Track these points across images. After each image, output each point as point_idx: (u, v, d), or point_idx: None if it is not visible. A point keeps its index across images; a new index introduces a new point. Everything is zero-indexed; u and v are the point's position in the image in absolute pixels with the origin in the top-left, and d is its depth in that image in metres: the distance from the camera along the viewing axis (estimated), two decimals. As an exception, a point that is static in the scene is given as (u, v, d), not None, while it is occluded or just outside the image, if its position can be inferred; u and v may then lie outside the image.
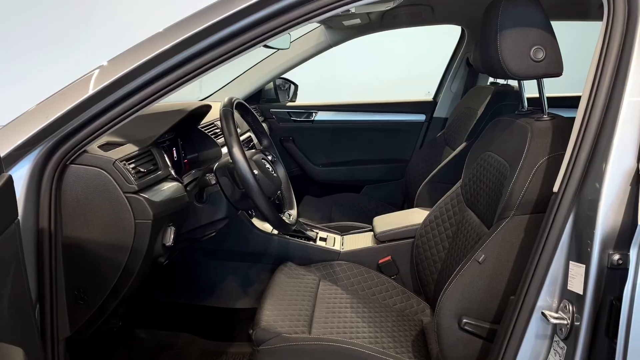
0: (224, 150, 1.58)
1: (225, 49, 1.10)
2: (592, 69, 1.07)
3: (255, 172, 1.46)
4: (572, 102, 2.64)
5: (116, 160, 1.16)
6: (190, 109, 1.50)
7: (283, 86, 3.03)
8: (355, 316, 1.64)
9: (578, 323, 1.01)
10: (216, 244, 1.91)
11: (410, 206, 2.65)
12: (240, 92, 2.73)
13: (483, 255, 1.27)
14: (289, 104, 2.98)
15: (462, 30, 2.71)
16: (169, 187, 1.30)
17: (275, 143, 2.94)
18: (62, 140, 1.09)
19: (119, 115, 1.11)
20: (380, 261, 1.91)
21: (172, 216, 1.30)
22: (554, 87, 1.62)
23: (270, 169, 1.57)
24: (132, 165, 1.21)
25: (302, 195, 2.77)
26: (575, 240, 1.05)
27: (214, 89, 2.76)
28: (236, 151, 1.33)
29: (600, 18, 1.11)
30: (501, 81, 2.38)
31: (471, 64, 2.64)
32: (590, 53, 1.13)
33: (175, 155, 1.64)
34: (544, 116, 1.33)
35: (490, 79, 2.63)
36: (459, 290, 1.30)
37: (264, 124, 2.79)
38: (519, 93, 2.17)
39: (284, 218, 1.53)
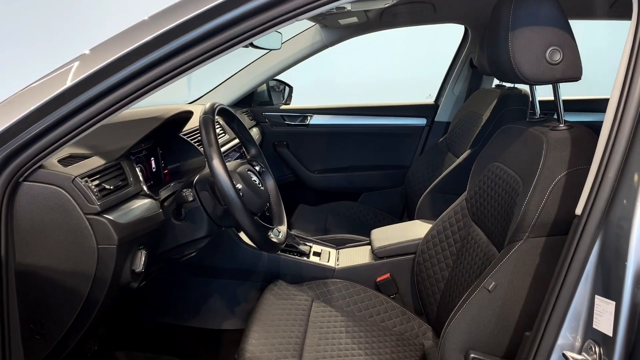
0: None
1: (204, 48, 0.96)
2: (621, 72, 0.92)
3: (239, 186, 1.32)
4: (581, 105, 2.52)
5: (76, 177, 1.01)
6: (168, 116, 1.36)
7: (277, 88, 2.89)
8: (351, 341, 1.50)
9: (607, 369, 0.87)
10: (201, 261, 1.76)
11: (411, 215, 2.51)
12: (230, 94, 2.59)
13: (493, 283, 1.13)
14: (283, 107, 2.83)
15: (466, 30, 2.56)
16: (139, 206, 1.16)
17: (268, 148, 2.82)
18: (13, 154, 0.95)
19: (84, 123, 0.96)
20: (379, 279, 1.77)
21: (144, 238, 1.16)
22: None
23: (257, 182, 1.43)
24: (96, 182, 1.07)
25: (297, 203, 2.63)
26: (602, 272, 0.91)
27: (202, 92, 2.62)
28: (216, 163, 1.18)
29: (612, 17, 0.98)
30: (507, 84, 2.24)
31: (475, 65, 2.49)
32: (596, 52, 1.00)
33: (154, 165, 1.50)
34: (560, 125, 1.19)
35: (496, 81, 2.49)
36: (466, 321, 1.16)
37: (255, 129, 2.65)
38: (529, 97, 2.06)
39: (271, 236, 1.39)
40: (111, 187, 1.09)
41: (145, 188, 1.23)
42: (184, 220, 1.34)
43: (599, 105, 2.65)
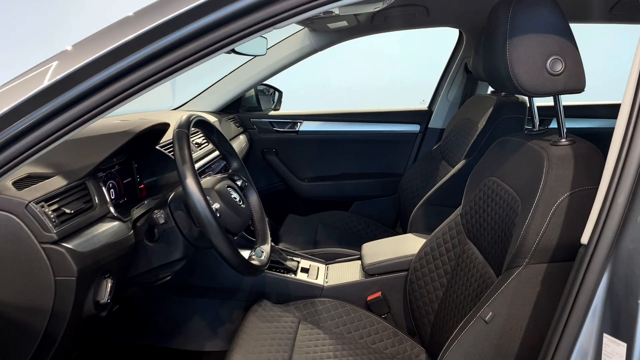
0: None
1: (195, 48, 0.86)
2: (632, 82, 0.84)
3: (216, 205, 1.22)
4: (575, 111, 2.43)
5: (30, 202, 0.92)
6: (141, 130, 1.26)
7: (267, 92, 2.79)
8: (340, 367, 1.41)
9: (617, 418, 0.78)
10: (181, 279, 1.67)
11: (404, 225, 2.42)
12: (217, 100, 2.50)
13: (490, 313, 1.04)
14: (272, 113, 2.73)
15: (460, 33, 2.48)
16: (105, 230, 1.06)
17: (257, 155, 2.72)
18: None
19: (45, 138, 0.86)
20: (369, 298, 1.68)
21: (110, 265, 1.06)
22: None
23: (238, 199, 1.33)
24: (54, 207, 0.97)
25: (286, 213, 2.53)
26: (611, 308, 0.82)
27: (188, 97, 2.52)
28: (190, 182, 1.09)
29: (612, 20, 0.90)
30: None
31: (470, 70, 2.41)
32: (591, 56, 0.92)
33: (129, 179, 1.40)
34: (562, 140, 1.10)
35: (492, 88, 2.40)
36: (461, 353, 1.07)
37: (243, 136, 2.56)
38: (526, 105, 1.97)
39: (253, 257, 1.29)
40: (71, 212, 0.99)
41: (112, 210, 1.13)
42: (158, 242, 1.25)
43: (595, 111, 2.60)
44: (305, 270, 1.78)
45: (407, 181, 2.46)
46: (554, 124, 2.50)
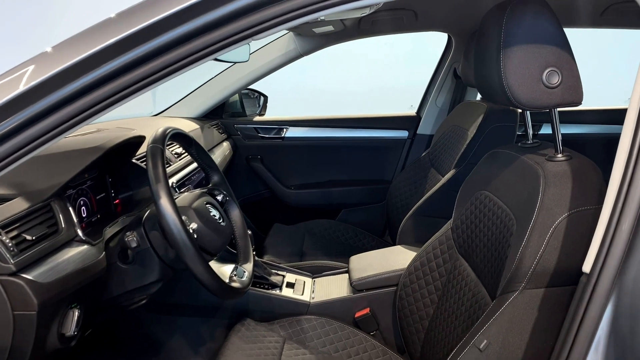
0: None
1: (184, 52, 0.79)
2: (636, 102, 0.78)
3: (193, 226, 1.15)
4: (564, 117, 2.39)
5: None
6: (112, 145, 1.18)
7: (252, 95, 2.71)
8: (326, 389, 1.34)
9: None
10: (161, 296, 1.59)
11: (392, 234, 2.37)
12: (199, 105, 2.41)
13: (485, 341, 0.98)
14: (257, 118, 2.65)
15: (449, 38, 2.42)
16: (72, 256, 0.98)
17: (241, 162, 2.64)
18: None
19: (11, 154, 0.79)
20: (357, 314, 1.61)
21: (77, 294, 0.98)
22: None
23: (217, 217, 1.26)
24: (14, 233, 0.89)
25: (271, 221, 2.46)
26: (616, 342, 0.76)
27: (169, 103, 2.44)
28: (164, 203, 1.01)
29: (603, 25, 0.85)
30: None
31: (459, 75, 2.36)
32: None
33: (103, 195, 1.32)
34: (558, 155, 1.05)
35: (481, 93, 2.35)
36: (454, 384, 1.01)
37: (226, 142, 2.48)
38: (517, 113, 1.92)
39: (234, 278, 1.22)
40: (32, 238, 0.91)
41: (80, 233, 1.05)
42: (132, 264, 1.17)
43: (580, 116, 2.56)
44: (290, 285, 1.72)
45: (395, 189, 2.40)
46: (544, 129, 2.46)
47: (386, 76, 4.40)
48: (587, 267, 0.79)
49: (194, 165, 1.86)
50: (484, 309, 1.16)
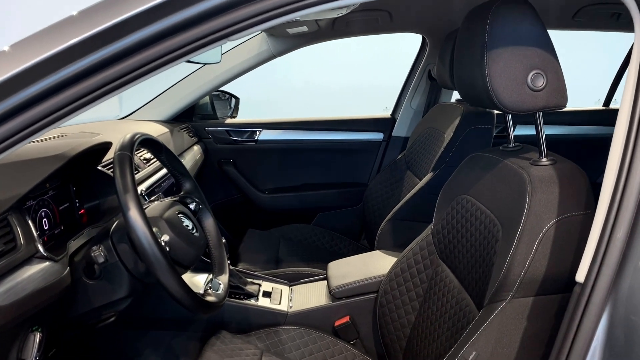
0: None
1: (151, 55, 0.73)
2: (628, 94, 0.76)
3: (165, 238, 1.08)
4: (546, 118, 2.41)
5: None
6: (75, 153, 1.10)
7: (223, 97, 2.64)
8: (307, 403, 1.29)
9: None
10: (131, 310, 1.50)
11: (369, 237, 2.33)
12: (168, 108, 2.32)
13: (474, 353, 0.95)
14: (229, 121, 2.58)
15: (423, 39, 2.41)
16: (32, 275, 0.90)
17: (213, 166, 2.56)
18: None
19: None
20: (337, 323, 1.57)
21: (39, 315, 0.90)
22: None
23: (190, 227, 1.19)
24: (-35, 252, 0.80)
25: (245, 226, 2.39)
26: (611, 352, 0.74)
27: (136, 105, 2.34)
28: (133, 215, 0.94)
29: (574, 27, 0.84)
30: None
31: (434, 77, 2.34)
32: None
33: (67, 205, 1.24)
34: (543, 159, 1.03)
35: (455, 95, 2.34)
36: (443, 398, 0.98)
37: (197, 146, 2.40)
38: (494, 116, 1.91)
39: (209, 292, 1.16)
40: (-13, 257, 0.83)
41: (41, 248, 0.96)
42: (99, 279, 1.09)
43: (557, 117, 2.59)
44: (267, 294, 1.66)
45: (371, 192, 2.37)
46: (518, 130, 2.47)
47: (360, 78, 4.39)
48: (580, 276, 0.77)
49: (164, 171, 1.79)
50: (468, 317, 1.13)
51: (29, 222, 0.97)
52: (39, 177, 0.99)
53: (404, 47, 2.74)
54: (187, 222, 1.19)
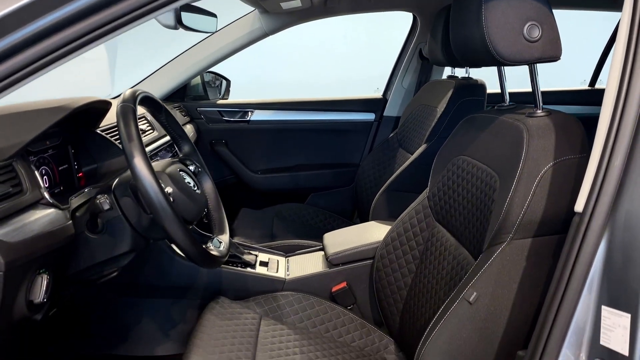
0: None
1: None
2: (620, 44, 0.79)
3: (169, 190, 1.08)
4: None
5: None
6: (77, 106, 1.10)
7: (213, 84, 2.64)
8: (307, 362, 1.31)
9: (622, 394, 0.73)
10: (128, 277, 1.50)
11: (362, 216, 2.36)
12: (160, 88, 2.32)
13: (475, 293, 0.98)
14: (221, 101, 2.58)
15: (414, 18, 2.44)
16: (38, 218, 0.90)
17: (205, 147, 2.56)
18: None
19: None
20: (334, 289, 1.58)
21: (45, 259, 0.90)
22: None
23: (192, 184, 1.20)
24: (-26, 190, 0.81)
25: (239, 207, 2.40)
26: (609, 280, 0.77)
27: (128, 85, 2.33)
28: (138, 162, 0.95)
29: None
30: (460, 74, 2.14)
31: (425, 56, 2.37)
32: None
33: (65, 166, 1.23)
34: (539, 111, 1.06)
35: (446, 74, 2.38)
36: (444, 339, 1.00)
37: (189, 125, 2.40)
38: (485, 88, 1.94)
39: (211, 248, 1.17)
40: (-6, 196, 0.83)
41: (47, 195, 0.97)
42: (102, 233, 1.09)
43: (552, 97, 2.64)
44: (264, 264, 1.67)
45: (363, 171, 2.39)
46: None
47: (351, 61, 4.41)
48: (579, 206, 0.80)
49: (158, 143, 1.79)
50: (466, 268, 1.15)
51: (34, 170, 0.97)
52: (41, 127, 0.99)
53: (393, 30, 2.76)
54: (188, 180, 1.19)
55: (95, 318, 1.54)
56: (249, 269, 1.60)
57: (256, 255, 1.70)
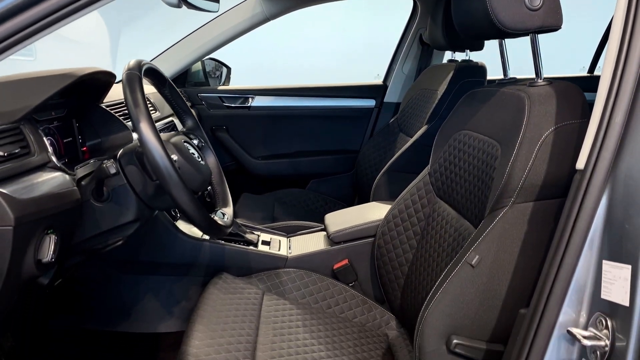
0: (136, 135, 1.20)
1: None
2: (621, 3, 0.81)
3: (175, 157, 1.09)
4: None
5: None
6: (83, 74, 1.11)
7: (214, 73, 2.65)
8: (309, 336, 1.32)
9: (623, 343, 0.74)
10: (130, 254, 1.52)
11: (364, 201, 2.37)
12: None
13: (477, 257, 0.99)
14: (222, 87, 2.59)
15: (414, 4, 2.45)
16: (47, 180, 0.91)
17: (206, 133, 2.55)
18: None
19: None
20: (336, 266, 1.60)
21: (53, 219, 0.91)
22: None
23: (197, 155, 1.21)
24: (-16, 147, 0.81)
25: (239, 192, 2.41)
26: (610, 234, 0.78)
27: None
28: (144, 127, 0.96)
29: None
30: (459, 58, 2.15)
31: (425, 41, 2.39)
32: None
33: (70, 139, 1.24)
34: (539, 80, 1.07)
35: (446, 59, 2.39)
36: (447, 302, 1.01)
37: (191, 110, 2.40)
38: (485, 69, 1.95)
39: (216, 219, 1.18)
40: (4, 154, 0.84)
41: (55, 159, 0.98)
42: (107, 202, 1.10)
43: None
44: (266, 242, 1.68)
45: (364, 156, 2.41)
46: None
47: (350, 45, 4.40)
48: (581, 163, 0.81)
49: (162, 122, 1.80)
50: (468, 238, 1.17)
51: (41, 134, 0.98)
52: (48, 92, 1.00)
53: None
54: (192, 151, 1.20)
55: (97, 295, 1.55)
56: (251, 247, 1.61)
57: (258, 235, 1.71)
